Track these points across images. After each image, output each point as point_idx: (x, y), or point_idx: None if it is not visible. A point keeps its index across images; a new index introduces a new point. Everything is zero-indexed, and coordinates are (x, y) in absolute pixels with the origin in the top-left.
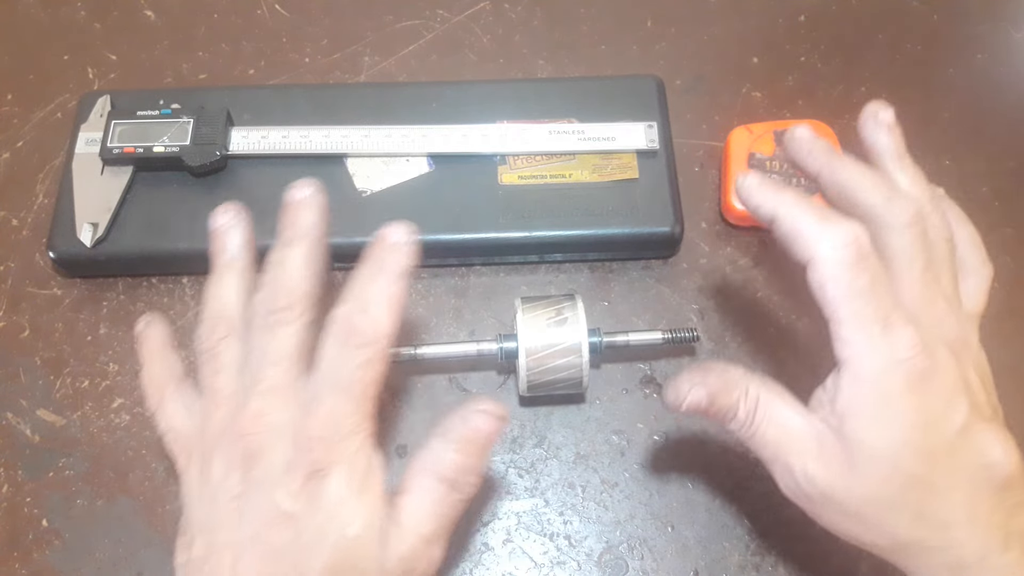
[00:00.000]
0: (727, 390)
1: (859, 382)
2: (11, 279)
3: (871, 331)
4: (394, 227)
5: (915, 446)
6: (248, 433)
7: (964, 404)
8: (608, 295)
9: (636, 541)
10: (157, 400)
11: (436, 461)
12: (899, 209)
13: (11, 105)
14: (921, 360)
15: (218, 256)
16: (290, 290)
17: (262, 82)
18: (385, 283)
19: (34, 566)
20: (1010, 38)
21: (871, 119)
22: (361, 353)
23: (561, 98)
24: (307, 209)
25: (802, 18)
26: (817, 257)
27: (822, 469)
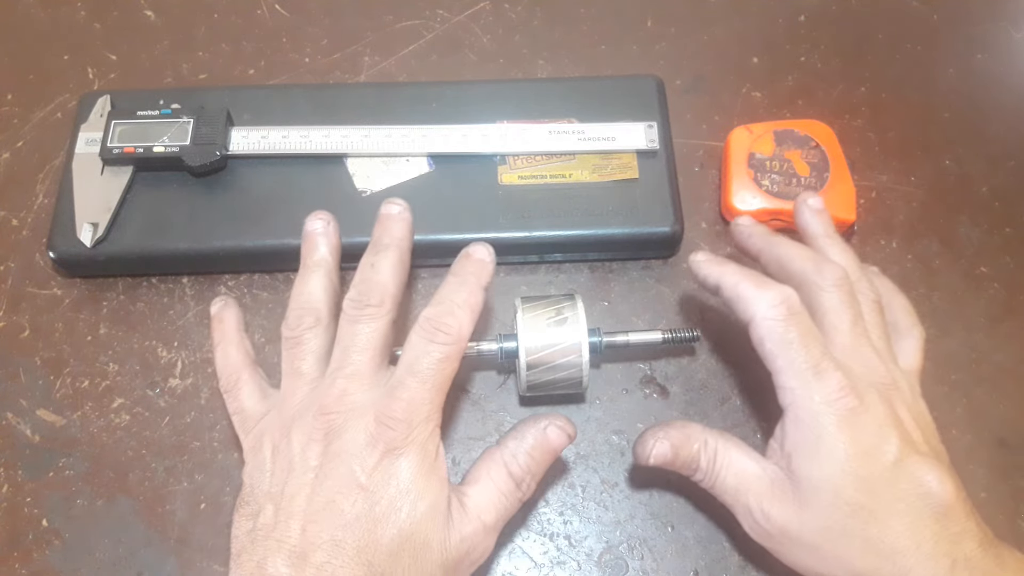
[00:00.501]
0: (688, 442)
1: (799, 423)
2: (11, 279)
3: (805, 377)
4: (479, 246)
5: (853, 476)
6: (332, 411)
7: (895, 438)
8: (608, 295)
9: (636, 541)
10: (233, 381)
11: (510, 458)
12: (827, 272)
13: (11, 105)
14: (851, 400)
15: (308, 256)
16: (381, 289)
17: (262, 82)
18: (468, 292)
19: (34, 566)
20: (1010, 38)
21: (803, 206)
22: (443, 349)
23: (561, 98)
24: (399, 222)
25: (802, 18)
26: (755, 316)
27: (777, 507)
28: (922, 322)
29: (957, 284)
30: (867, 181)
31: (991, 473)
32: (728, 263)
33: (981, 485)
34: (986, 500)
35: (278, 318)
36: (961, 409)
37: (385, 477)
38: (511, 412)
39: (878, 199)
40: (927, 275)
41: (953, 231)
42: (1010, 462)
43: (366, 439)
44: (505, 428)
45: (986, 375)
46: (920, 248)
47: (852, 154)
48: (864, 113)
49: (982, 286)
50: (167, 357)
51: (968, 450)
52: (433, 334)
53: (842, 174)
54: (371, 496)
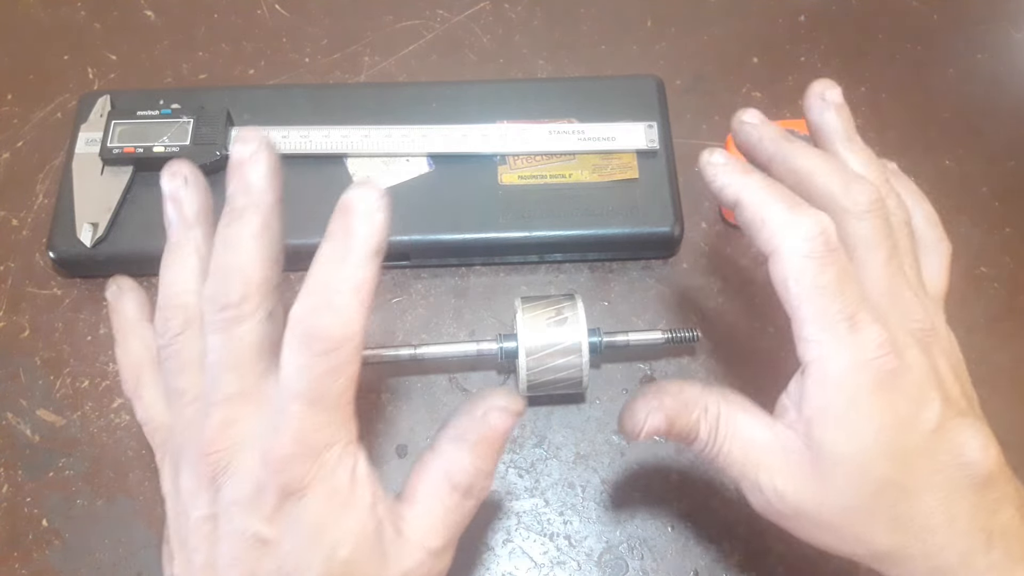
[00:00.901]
0: (686, 411)
1: (825, 384)
2: (11, 279)
3: (837, 330)
4: (360, 189)
5: (887, 449)
6: (213, 451)
7: (937, 401)
8: (608, 295)
9: (636, 541)
10: (133, 384)
11: (450, 468)
12: (858, 195)
13: (11, 105)
14: (890, 359)
15: (169, 229)
16: (244, 279)
17: (262, 82)
18: (351, 269)
19: (34, 566)
20: (1010, 38)
21: (818, 99)
22: (326, 360)
23: (561, 98)
24: (256, 165)
25: (802, 18)
26: (782, 249)
27: (791, 483)
28: None
29: (957, 284)
30: None
31: None
32: (753, 172)
33: None
34: None
35: None
36: None
37: (289, 525)
38: None
39: None
40: None
41: (953, 231)
42: (1010, 462)
43: (256, 486)
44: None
45: (986, 375)
46: None
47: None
48: (864, 113)
49: (982, 286)
50: None
51: None
52: (308, 342)
53: None
54: (277, 550)
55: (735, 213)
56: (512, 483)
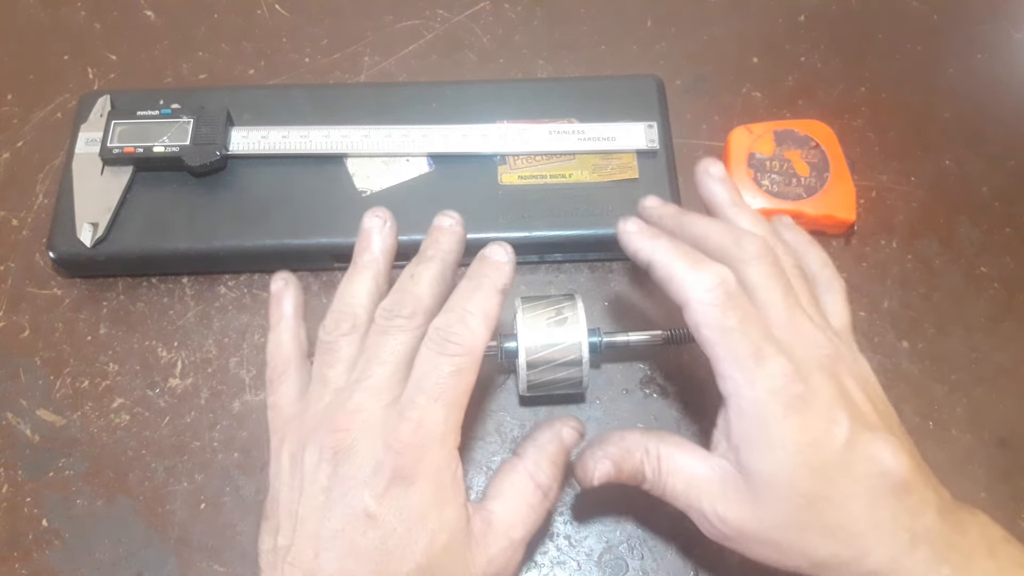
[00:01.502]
0: (629, 455)
1: (743, 414)
2: (11, 279)
3: (746, 365)
4: (496, 247)
5: (806, 465)
6: (343, 428)
7: (844, 418)
8: (608, 295)
9: (636, 541)
10: (279, 374)
11: (535, 468)
12: (748, 245)
13: (11, 105)
14: (795, 385)
15: (359, 255)
16: (415, 301)
17: (262, 82)
18: (483, 298)
19: (34, 566)
20: (1010, 38)
21: (704, 175)
22: (455, 361)
23: (561, 98)
24: (450, 236)
25: (802, 18)
26: (690, 300)
27: (731, 507)
28: (922, 322)
29: (957, 284)
30: (867, 181)
31: (991, 473)
32: (660, 236)
33: (981, 485)
34: (986, 500)
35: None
36: (961, 409)
37: (397, 507)
38: (511, 412)
39: (878, 199)
40: (927, 275)
41: (953, 231)
42: (1010, 462)
43: (374, 465)
44: (505, 428)
45: (986, 375)
46: (920, 248)
47: (852, 154)
48: (864, 113)
49: (982, 286)
50: (167, 357)
51: (968, 450)
52: (443, 346)
53: (842, 174)
54: (382, 527)
55: (649, 273)
56: None
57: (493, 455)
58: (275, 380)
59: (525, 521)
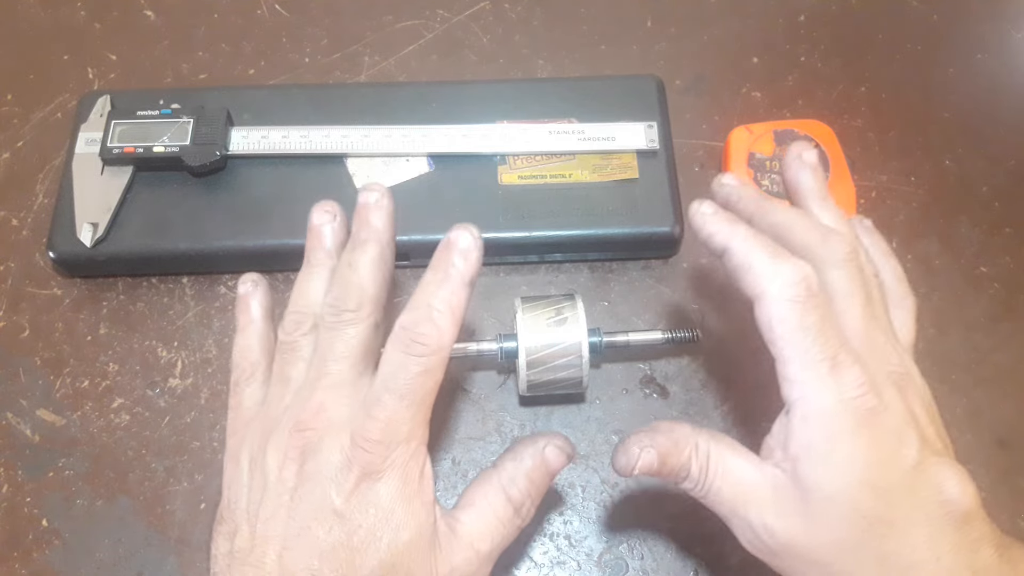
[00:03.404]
0: (677, 449)
1: (809, 423)
2: (11, 279)
3: (819, 370)
4: (461, 231)
5: (871, 485)
6: (308, 427)
7: (915, 439)
8: (608, 295)
9: (636, 541)
10: (246, 376)
11: (508, 482)
12: (836, 246)
13: (11, 105)
14: (869, 398)
15: (312, 252)
16: (359, 291)
17: (262, 82)
18: (449, 291)
19: (34, 566)
20: (1010, 38)
21: (795, 160)
22: (422, 361)
23: (561, 98)
24: (377, 211)
25: (802, 18)
26: (767, 294)
27: (781, 519)
28: (922, 322)
29: (957, 284)
30: (867, 181)
31: (991, 473)
32: (739, 223)
33: (981, 485)
34: (986, 500)
35: (278, 318)
36: (961, 409)
37: (363, 503)
38: (511, 412)
39: (878, 199)
40: (927, 275)
41: (953, 231)
42: (1010, 462)
43: (341, 461)
44: (505, 428)
45: (986, 375)
46: (920, 248)
47: (852, 154)
48: (864, 113)
49: (982, 286)
50: (167, 357)
51: (968, 450)
52: (409, 345)
53: (842, 174)
54: (348, 523)
55: (723, 260)
56: None
57: (493, 455)
58: (241, 383)
59: (493, 534)
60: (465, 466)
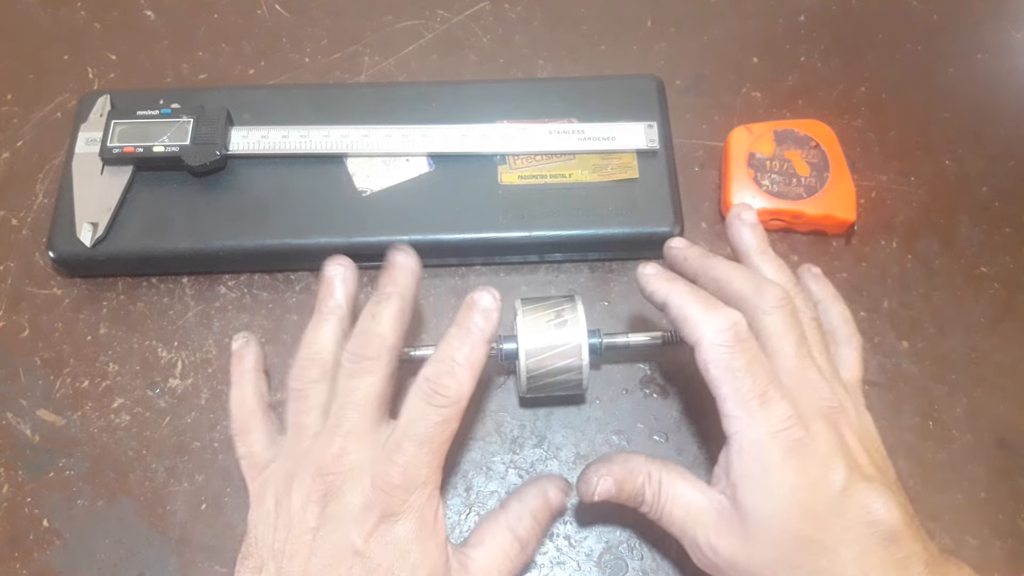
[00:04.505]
0: (632, 477)
1: (743, 453)
2: (11, 279)
3: (750, 406)
4: (484, 293)
5: (800, 508)
6: (330, 472)
7: (842, 466)
8: (608, 295)
9: (636, 541)
10: (242, 426)
11: (515, 521)
12: (768, 294)
13: (11, 105)
14: (796, 430)
15: (323, 302)
16: (379, 341)
17: (262, 82)
18: (470, 348)
19: (34, 566)
20: (1010, 38)
21: (736, 219)
22: (442, 411)
23: (561, 98)
24: (404, 271)
25: (802, 18)
26: (701, 341)
27: (724, 539)
28: (922, 322)
29: (957, 284)
30: (867, 181)
31: (991, 473)
32: (677, 280)
33: (981, 485)
34: (986, 500)
35: (278, 318)
36: (961, 409)
37: (382, 543)
38: (511, 412)
39: (878, 199)
40: (927, 275)
41: (953, 231)
42: (1010, 462)
43: (363, 503)
44: (505, 429)
45: (986, 375)
46: (920, 248)
47: (852, 154)
48: (864, 113)
49: (982, 286)
50: (167, 357)
51: (968, 450)
52: (431, 396)
53: (842, 174)
54: (368, 562)
55: (665, 313)
56: (512, 483)
57: (493, 455)
58: (243, 432)
59: (501, 570)
60: (465, 467)
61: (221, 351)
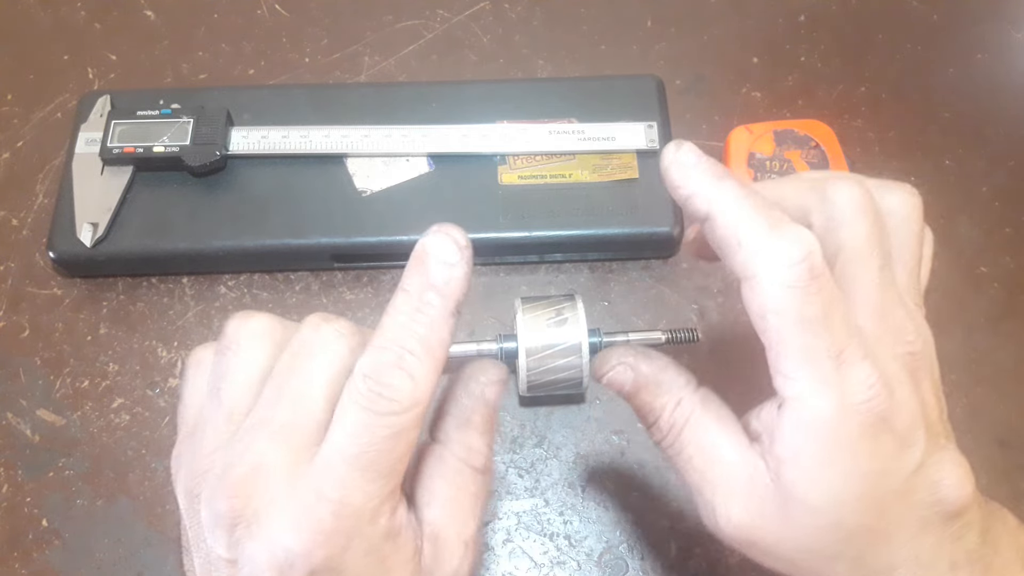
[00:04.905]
0: (655, 390)
1: (804, 428)
2: (11, 279)
3: (822, 368)
4: (441, 237)
5: (864, 498)
6: (238, 495)
7: (921, 438)
8: (608, 295)
9: (636, 541)
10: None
11: (467, 456)
12: (842, 194)
13: (11, 105)
14: (880, 401)
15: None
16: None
17: (262, 82)
18: (428, 327)
19: (34, 566)
20: (1010, 38)
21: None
22: (390, 422)
23: (561, 98)
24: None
25: (802, 18)
26: (761, 276)
27: (748, 513)
28: None
29: (957, 284)
30: None
31: (991, 473)
32: (727, 179)
33: (981, 485)
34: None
35: None
36: (961, 409)
37: None
38: (511, 412)
39: None
40: None
41: (953, 231)
42: (1010, 462)
43: (286, 555)
44: (505, 428)
45: (986, 375)
46: None
47: (852, 154)
48: (864, 113)
49: (982, 286)
50: (167, 357)
51: (968, 450)
52: (373, 400)
53: None
54: None
55: (705, 228)
56: (512, 483)
57: (493, 455)
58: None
59: (473, 512)
60: None
61: None
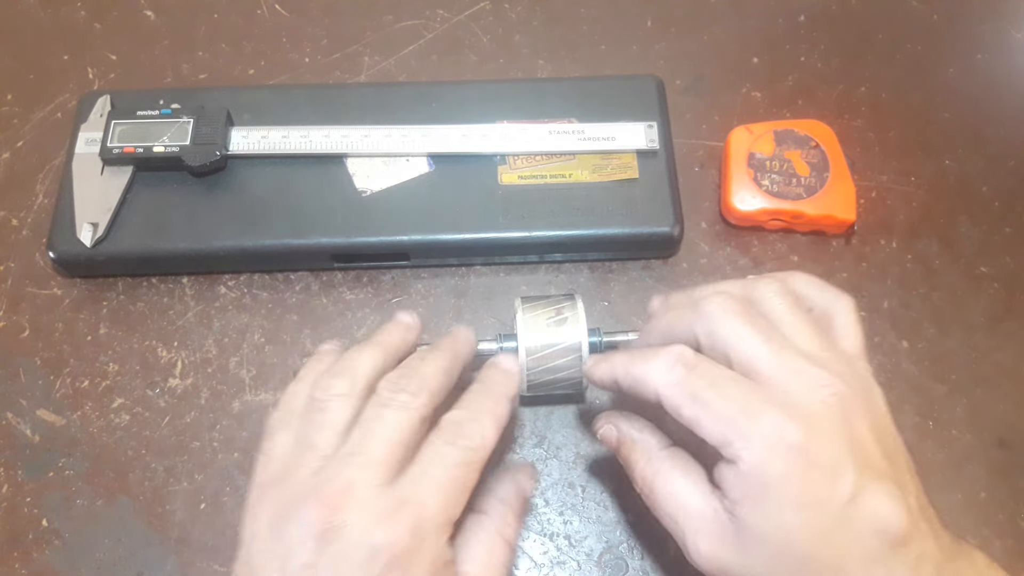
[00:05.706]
0: (632, 447)
1: (744, 475)
2: (11, 279)
3: (736, 424)
4: (506, 357)
5: (805, 528)
6: (332, 506)
7: (850, 469)
8: (608, 295)
9: (636, 541)
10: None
11: (503, 525)
12: (705, 304)
13: (11, 105)
14: (793, 434)
15: (380, 334)
16: (422, 379)
17: (262, 82)
18: (495, 402)
19: (34, 566)
20: (1010, 38)
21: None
22: (464, 455)
23: (561, 98)
24: (464, 343)
25: (802, 18)
26: (658, 390)
27: (713, 548)
28: (922, 322)
29: (957, 284)
30: (867, 181)
31: (991, 473)
32: (613, 355)
33: (981, 485)
34: (986, 500)
35: (278, 318)
36: (961, 409)
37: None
38: None
39: (878, 199)
40: (927, 275)
41: (953, 231)
42: (1010, 462)
43: (369, 551)
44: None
45: (986, 375)
46: (920, 248)
47: (852, 154)
48: (864, 113)
49: (982, 286)
50: (167, 357)
51: (968, 450)
52: (454, 437)
53: (842, 174)
54: None
55: (622, 391)
56: None
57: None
58: (277, 428)
59: None
60: None
61: (221, 351)
